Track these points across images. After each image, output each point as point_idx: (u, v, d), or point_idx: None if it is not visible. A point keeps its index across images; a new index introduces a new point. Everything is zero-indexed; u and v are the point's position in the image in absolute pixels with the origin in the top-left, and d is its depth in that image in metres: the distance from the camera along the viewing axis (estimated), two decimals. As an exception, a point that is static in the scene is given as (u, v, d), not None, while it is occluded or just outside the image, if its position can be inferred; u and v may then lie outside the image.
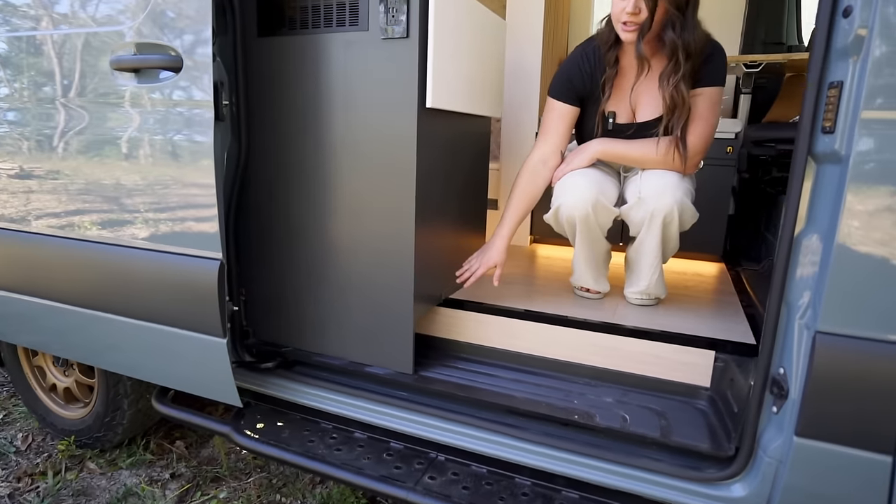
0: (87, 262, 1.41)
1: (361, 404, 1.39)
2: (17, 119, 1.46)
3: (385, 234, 1.31)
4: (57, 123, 1.39)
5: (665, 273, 1.52)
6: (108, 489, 1.69)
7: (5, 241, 1.52)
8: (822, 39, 0.86)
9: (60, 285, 1.47)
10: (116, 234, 1.36)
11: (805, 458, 0.92)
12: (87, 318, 1.44)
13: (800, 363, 0.92)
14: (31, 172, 1.45)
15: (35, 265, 1.51)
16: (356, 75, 1.27)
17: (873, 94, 0.79)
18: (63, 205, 1.42)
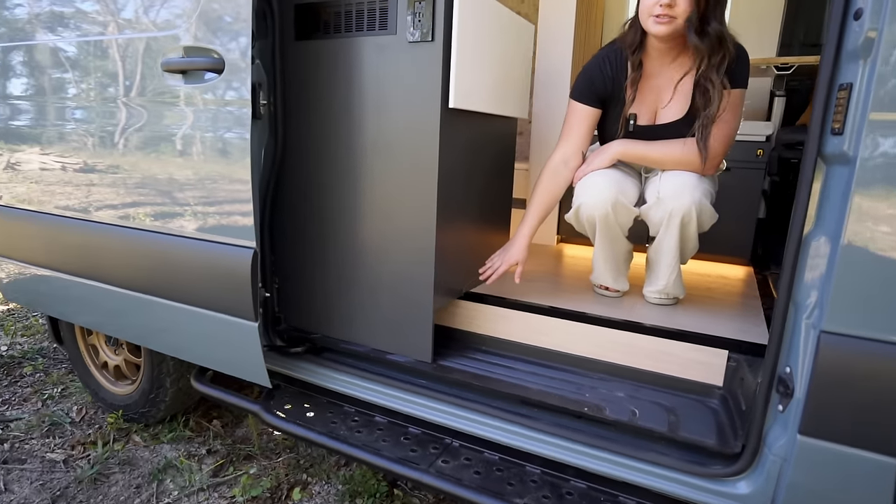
0: (136, 248, 1.52)
1: (383, 390, 1.45)
2: (81, 117, 1.58)
3: (408, 229, 1.36)
4: (116, 121, 1.50)
5: (689, 275, 1.53)
6: (150, 460, 1.81)
7: (69, 230, 1.65)
8: (832, 41, 0.87)
9: (114, 270, 1.59)
10: (162, 223, 1.46)
11: (808, 456, 0.92)
12: (136, 300, 1.55)
13: (805, 362, 0.93)
14: (92, 166, 1.57)
15: (93, 251, 1.63)
16: (384, 77, 1.33)
17: (881, 96, 0.80)
18: (118, 196, 1.53)
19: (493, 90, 1.48)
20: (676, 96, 1.40)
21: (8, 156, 1.77)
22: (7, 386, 2.27)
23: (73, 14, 1.54)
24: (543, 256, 2.15)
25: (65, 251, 1.69)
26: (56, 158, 1.64)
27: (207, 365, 1.55)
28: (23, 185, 1.75)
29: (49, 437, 1.93)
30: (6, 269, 1.91)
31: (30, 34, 1.63)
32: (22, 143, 1.72)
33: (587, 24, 2.46)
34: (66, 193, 1.64)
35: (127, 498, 1.64)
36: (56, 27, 1.58)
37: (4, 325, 2.85)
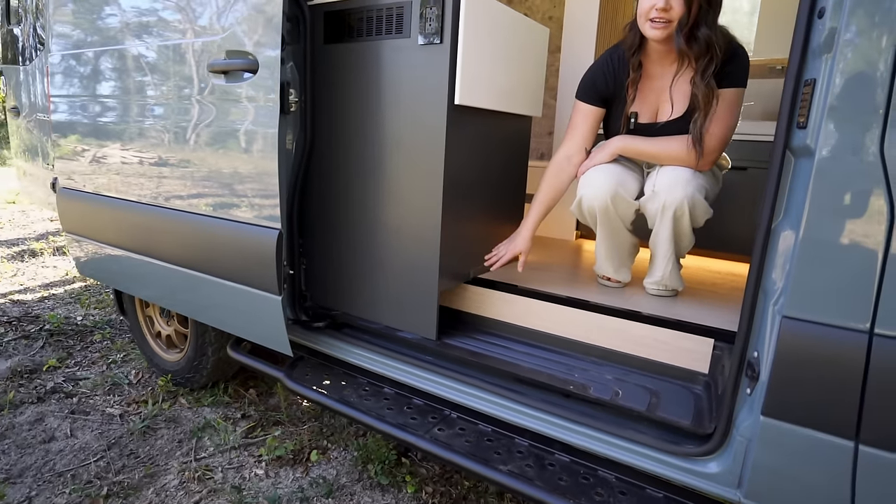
0: (184, 229, 1.68)
1: (392, 363, 1.54)
2: (141, 114, 1.76)
3: (417, 216, 1.45)
4: (171, 117, 1.67)
5: (697, 271, 1.53)
6: (192, 420, 1.98)
7: (130, 212, 1.84)
8: (799, 38, 0.89)
9: (165, 248, 1.76)
10: (205, 207, 1.61)
11: (770, 437, 0.94)
12: (184, 275, 1.72)
13: (770, 347, 0.95)
14: (148, 157, 1.75)
15: (148, 231, 1.81)
16: (399, 76, 1.42)
17: (839, 90, 0.81)
18: (168, 182, 1.70)
19: (501, 89, 1.55)
20: (676, 96, 1.42)
21: (82, 146, 1.99)
22: (80, 350, 2.53)
23: (136, 22, 1.72)
24: (559, 250, 2.18)
25: (126, 231, 1.89)
26: (120, 150, 1.83)
27: (239, 334, 1.70)
28: (92, 171, 1.96)
29: (110, 394, 2.14)
30: (80, 247, 2.14)
31: (105, 41, 1.83)
32: (91, 135, 1.93)
33: (612, 25, 2.47)
34: (126, 180, 1.83)
35: (170, 450, 1.81)
36: (121, 34, 1.77)
37: (81, 298, 3.14)
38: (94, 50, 1.87)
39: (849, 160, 0.82)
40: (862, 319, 0.83)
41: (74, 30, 1.94)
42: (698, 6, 1.29)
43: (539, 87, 1.77)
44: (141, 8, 1.70)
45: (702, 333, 1.28)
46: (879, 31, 0.78)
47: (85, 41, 1.90)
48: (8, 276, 3.52)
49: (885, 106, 0.78)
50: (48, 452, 1.76)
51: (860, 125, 0.80)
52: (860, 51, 0.79)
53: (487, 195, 1.65)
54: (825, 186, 0.84)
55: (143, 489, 1.62)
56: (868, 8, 0.78)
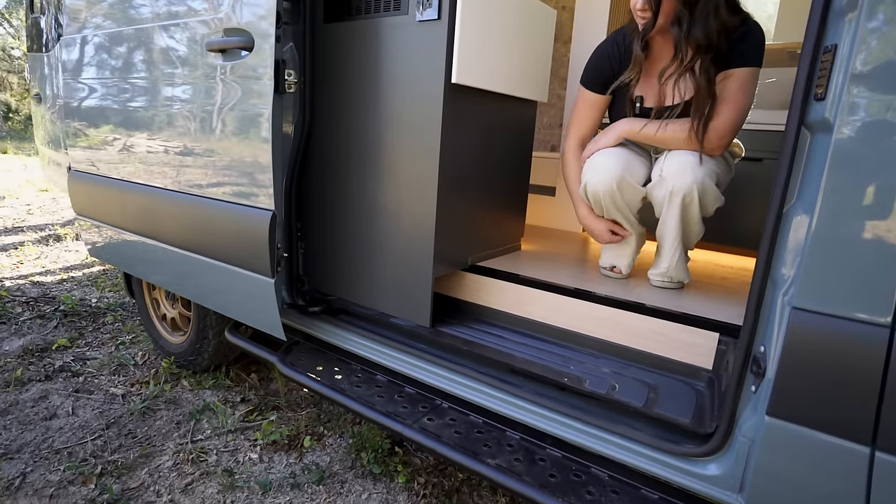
0: (181, 210, 1.63)
1: (385, 351, 1.47)
2: (143, 97, 1.71)
3: (413, 201, 1.37)
4: (169, 97, 1.62)
5: (707, 265, 1.42)
6: (192, 402, 1.94)
7: (130, 192, 1.80)
8: (819, 2, 0.78)
9: (163, 229, 1.72)
10: (201, 188, 1.55)
11: (775, 439, 0.84)
12: (180, 256, 1.67)
13: (778, 341, 0.84)
14: (148, 137, 1.70)
15: (148, 211, 1.76)
16: (398, 55, 1.34)
17: (864, 56, 0.71)
18: (167, 163, 1.65)
19: (503, 70, 1.46)
20: (681, 79, 1.31)
21: (87, 128, 1.95)
22: (92, 331, 2.51)
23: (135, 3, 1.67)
24: (564, 241, 2.08)
25: (127, 212, 1.84)
26: (122, 131, 1.79)
27: (234, 316, 1.64)
28: (96, 153, 1.92)
29: (115, 375, 2.11)
30: (88, 228, 2.11)
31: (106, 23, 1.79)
32: (96, 118, 1.89)
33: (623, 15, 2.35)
34: (128, 161, 1.79)
35: (167, 431, 1.77)
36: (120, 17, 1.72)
37: (98, 281, 3.14)
38: (96, 32, 1.83)
39: (872, 136, 0.71)
40: (882, 312, 0.73)
41: (78, 13, 1.90)
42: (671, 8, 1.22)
43: (545, 71, 1.67)
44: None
45: (706, 327, 1.17)
46: (912, -13, 0.67)
47: (88, 24, 1.86)
48: (32, 258, 3.55)
49: (916, 73, 0.68)
50: (48, 429, 1.73)
51: (887, 96, 0.70)
52: (891, 9, 0.69)
53: (488, 181, 1.56)
54: (844, 165, 0.74)
55: (138, 469, 1.58)
56: (899, -39, 0.68)
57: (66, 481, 1.49)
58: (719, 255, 1.98)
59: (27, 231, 4.31)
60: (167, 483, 1.53)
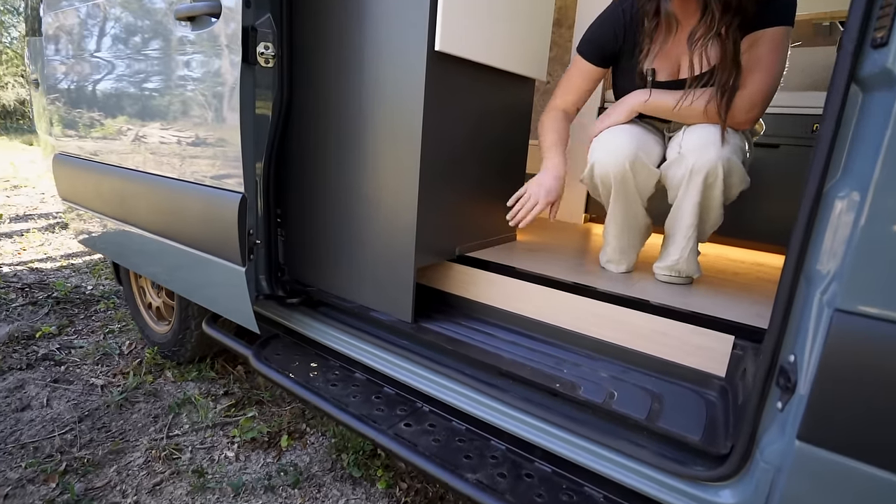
0: (149, 193, 1.47)
1: (364, 347, 1.30)
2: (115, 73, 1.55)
3: (395, 185, 1.19)
4: (140, 73, 1.46)
5: (718, 259, 1.23)
6: (173, 394, 1.79)
7: (104, 174, 1.65)
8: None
9: (137, 211, 1.56)
10: (169, 168, 1.39)
11: (809, 469, 0.66)
12: (153, 242, 1.51)
13: (814, 350, 0.66)
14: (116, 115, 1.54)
15: (122, 195, 1.61)
16: (379, 21, 1.16)
17: (945, -18, 0.52)
18: (137, 141, 1.49)
19: (496, 41, 1.27)
20: (702, 48, 1.11)
21: (65, 109, 1.80)
22: (82, 319, 2.38)
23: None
24: (564, 232, 1.89)
25: (102, 195, 1.69)
26: (96, 111, 1.63)
27: (207, 306, 1.48)
28: (72, 134, 1.77)
29: (98, 364, 1.97)
30: (71, 212, 1.96)
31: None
32: (72, 98, 1.74)
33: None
34: (100, 141, 1.63)
35: (144, 425, 1.62)
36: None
37: (95, 269, 3.01)
38: (69, 7, 1.67)
39: (952, 88, 0.52)
40: (959, 318, 0.54)
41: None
42: None
43: (543, 47, 1.48)
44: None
45: (719, 328, 0.98)
46: None
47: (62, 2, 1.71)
48: (35, 245, 3.43)
49: None
50: (18, 422, 1.59)
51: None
52: None
53: (480, 165, 1.38)
54: (912, 127, 0.55)
55: (105, 466, 1.43)
56: None
57: (25, 479, 1.35)
58: (730, 248, 1.78)
59: (37, 219, 4.21)
60: (135, 483, 1.38)
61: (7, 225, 3.91)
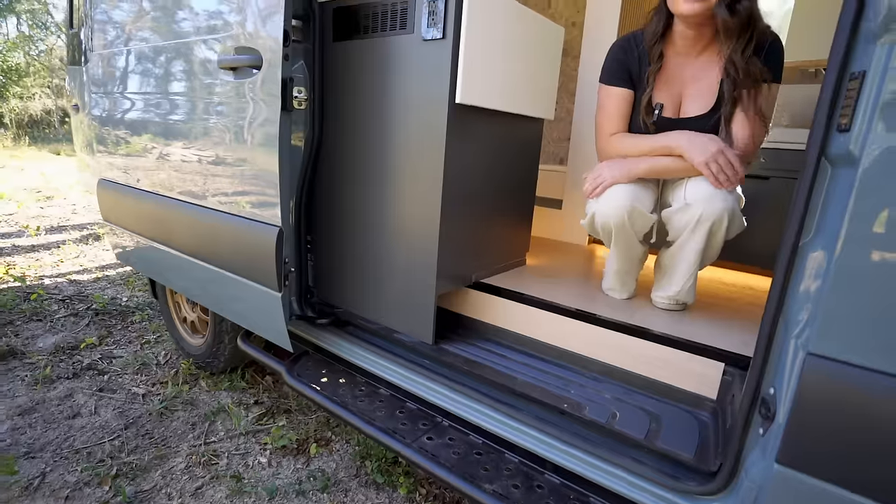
0: (194, 222, 1.57)
1: (389, 365, 1.39)
2: (165, 110, 1.66)
3: (417, 216, 1.29)
4: (185, 113, 1.56)
5: (711, 283, 1.31)
6: (208, 403, 1.89)
7: (149, 202, 1.75)
8: (848, 19, 0.67)
9: (180, 237, 1.66)
10: (213, 200, 1.49)
11: (785, 488, 0.74)
12: (195, 265, 1.61)
13: (790, 385, 0.74)
14: (165, 152, 1.65)
15: (167, 221, 1.71)
16: (404, 73, 1.25)
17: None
18: (182, 175, 1.59)
19: (509, 89, 1.36)
20: (701, 90, 1.20)
21: (111, 139, 1.90)
22: (120, 329, 2.49)
23: (154, 21, 1.61)
24: (569, 255, 1.98)
25: (146, 220, 1.80)
26: (142, 143, 1.74)
27: (245, 326, 1.58)
28: (118, 162, 1.88)
29: (138, 374, 2.07)
30: (113, 233, 2.07)
31: (128, 40, 1.74)
32: (119, 129, 1.84)
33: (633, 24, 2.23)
34: (147, 171, 1.74)
35: (183, 432, 1.72)
36: (146, 32, 1.66)
37: (129, 281, 3.13)
38: (119, 49, 1.78)
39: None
40: (910, 364, 0.62)
41: (104, 30, 1.86)
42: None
43: (552, 89, 1.57)
44: (158, 7, 1.58)
45: (711, 356, 1.07)
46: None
47: (112, 41, 1.82)
48: (72, 257, 3.56)
49: (956, 105, 0.57)
50: (71, 428, 1.69)
51: (921, 128, 0.59)
52: (927, 35, 0.58)
53: (493, 199, 1.47)
54: (870, 201, 0.63)
55: (152, 471, 1.53)
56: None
57: (82, 482, 1.45)
58: (724, 271, 1.86)
59: (70, 230, 4.35)
60: (178, 486, 1.47)
61: (44, 237, 4.05)
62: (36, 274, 3.12)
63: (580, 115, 2.18)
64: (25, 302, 2.65)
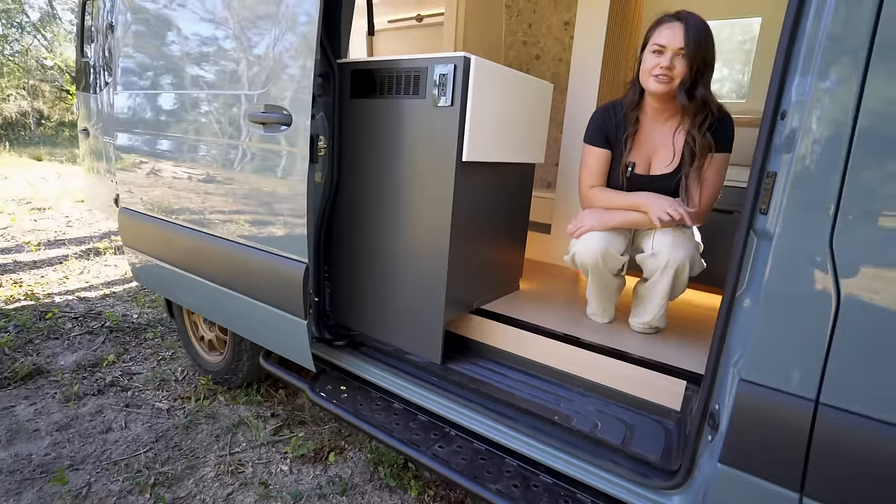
0: (227, 255, 1.76)
1: (401, 382, 1.60)
2: (196, 152, 1.85)
3: (427, 252, 1.50)
4: (217, 157, 1.75)
5: (681, 304, 1.55)
6: (229, 416, 2.07)
7: (178, 234, 1.94)
8: (764, 135, 0.91)
9: (208, 267, 1.85)
10: (245, 238, 1.69)
11: (726, 482, 0.97)
12: (226, 294, 1.80)
13: (728, 403, 0.98)
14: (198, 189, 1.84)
15: (194, 252, 1.90)
16: (415, 131, 1.47)
17: (796, 186, 0.84)
18: (214, 213, 1.78)
19: (507, 143, 1.59)
20: (667, 152, 1.45)
21: (141, 172, 2.08)
22: (135, 346, 2.65)
23: (189, 72, 1.80)
24: (559, 279, 2.21)
25: (177, 250, 1.98)
26: (174, 180, 1.92)
27: (270, 348, 1.77)
28: (149, 195, 2.06)
29: (159, 390, 2.25)
30: (137, 259, 2.24)
31: (163, 86, 1.92)
32: (148, 164, 2.03)
33: (614, 67, 2.48)
34: (182, 207, 1.92)
35: (208, 444, 1.90)
36: (179, 78, 1.85)
37: (137, 297, 3.28)
38: (153, 92, 1.96)
39: (802, 248, 0.84)
40: (810, 390, 0.86)
41: (136, 72, 2.04)
42: (697, 68, 1.33)
43: (542, 137, 1.80)
44: (193, 59, 1.78)
45: (676, 375, 1.30)
46: (834, 138, 0.80)
47: (145, 84, 2.00)
48: (76, 273, 3.69)
49: (835, 205, 0.81)
50: (105, 442, 1.87)
51: (813, 219, 0.83)
52: (815, 155, 0.82)
53: (491, 234, 1.69)
54: (781, 267, 0.87)
55: (185, 479, 1.71)
56: (825, 116, 0.81)
57: (125, 491, 1.63)
58: (695, 293, 2.11)
59: (68, 244, 4.46)
60: (211, 493, 1.66)
61: (43, 252, 4.16)
62: (44, 291, 3.26)
63: (567, 143, 2.42)
64: (41, 320, 2.80)
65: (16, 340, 2.56)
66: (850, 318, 0.82)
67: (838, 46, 0.79)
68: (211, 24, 1.70)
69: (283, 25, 1.47)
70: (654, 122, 1.49)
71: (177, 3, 1.82)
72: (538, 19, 2.96)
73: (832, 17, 0.79)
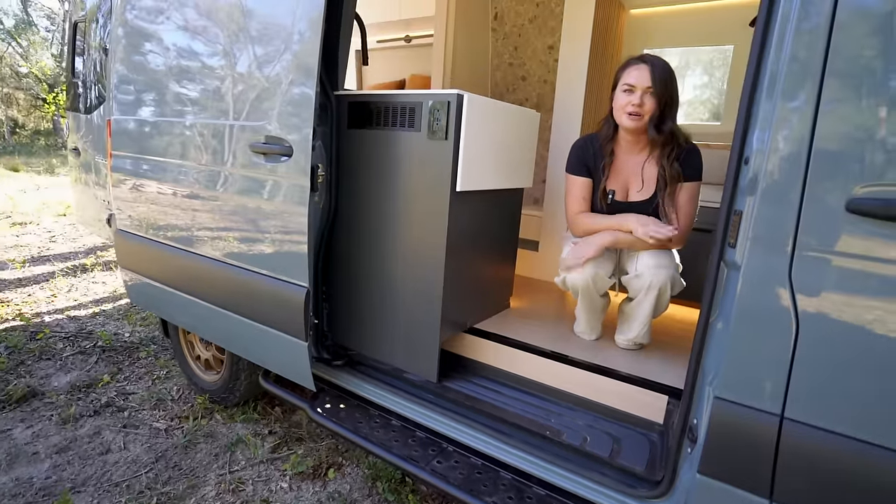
0: (229, 279, 1.83)
1: (399, 400, 1.68)
2: (195, 178, 1.91)
3: (423, 275, 1.59)
4: (218, 184, 1.82)
5: (665, 319, 1.66)
6: (227, 435, 2.12)
7: (177, 256, 1.99)
8: (731, 177, 1.02)
9: (208, 290, 1.91)
10: (246, 262, 1.76)
11: (704, 491, 1.07)
12: (226, 316, 1.86)
13: (705, 418, 1.08)
14: (197, 212, 1.90)
15: (194, 275, 1.96)
16: (410, 162, 1.56)
17: (759, 225, 0.95)
18: (214, 237, 1.85)
19: (498, 171, 1.69)
20: (638, 181, 1.58)
21: (138, 196, 2.14)
22: (128, 366, 2.68)
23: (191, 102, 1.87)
24: (549, 294, 2.31)
25: (176, 273, 2.04)
26: (173, 206, 1.98)
27: (270, 368, 1.84)
28: (147, 219, 2.11)
29: (155, 409, 2.29)
30: (133, 280, 2.29)
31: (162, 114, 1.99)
32: (147, 189, 2.08)
33: (597, 90, 2.61)
34: (178, 229, 1.98)
35: (208, 463, 1.95)
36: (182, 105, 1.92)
37: (128, 315, 3.30)
38: (153, 120, 2.02)
39: (766, 279, 0.95)
40: (776, 405, 0.96)
41: (134, 99, 2.10)
42: (664, 104, 1.46)
43: (530, 162, 1.91)
44: (195, 89, 1.85)
45: (659, 391, 1.41)
46: (791, 184, 0.91)
47: (144, 111, 2.06)
48: (64, 291, 3.69)
49: (792, 242, 0.92)
50: (105, 464, 1.91)
51: (774, 253, 0.94)
52: (774, 196, 0.93)
53: (483, 256, 1.79)
54: (748, 295, 0.97)
55: (187, 499, 1.76)
56: (782, 164, 0.92)
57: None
58: (677, 307, 2.23)
59: (54, 261, 4.44)
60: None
61: (28, 269, 4.14)
62: (32, 311, 3.26)
63: (554, 160, 2.53)
64: (32, 341, 2.81)
65: (7, 362, 2.58)
66: (808, 341, 0.93)
67: (788, 107, 0.90)
68: (214, 56, 1.78)
69: (284, 60, 1.55)
70: (628, 153, 1.62)
71: (178, 31, 1.90)
72: (523, 42, 3.09)
73: (782, 94, 0.91)
